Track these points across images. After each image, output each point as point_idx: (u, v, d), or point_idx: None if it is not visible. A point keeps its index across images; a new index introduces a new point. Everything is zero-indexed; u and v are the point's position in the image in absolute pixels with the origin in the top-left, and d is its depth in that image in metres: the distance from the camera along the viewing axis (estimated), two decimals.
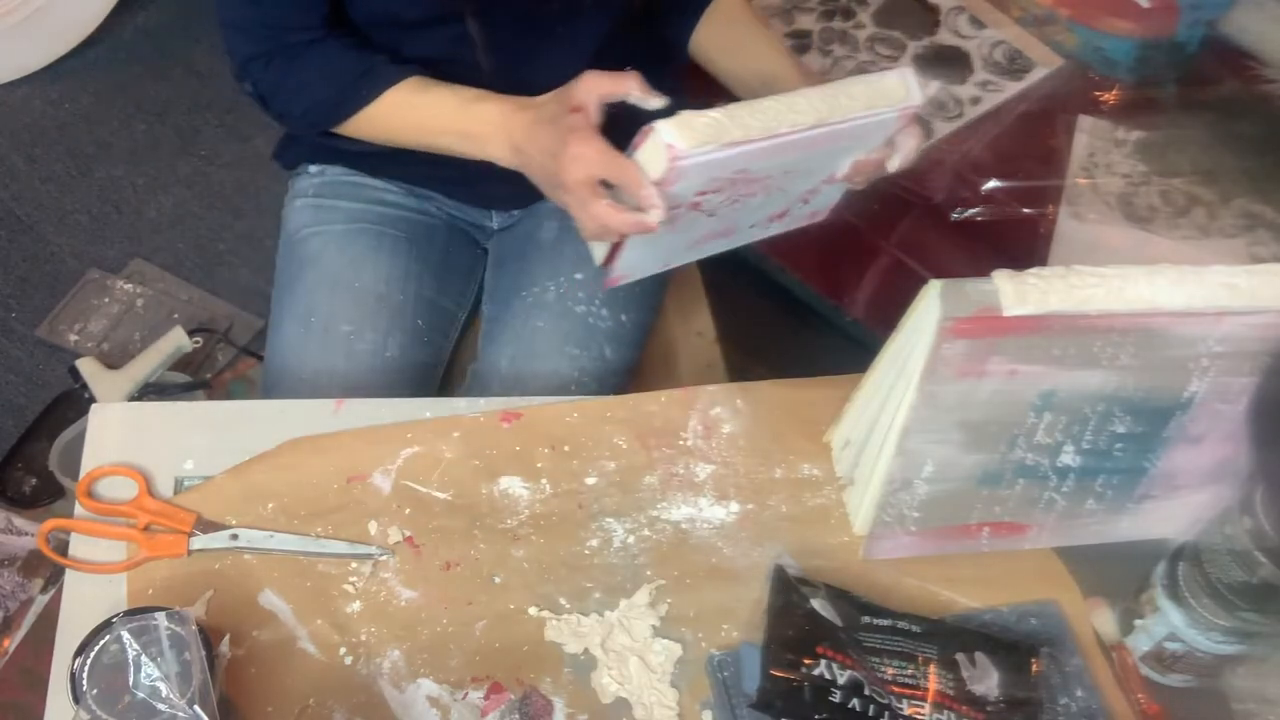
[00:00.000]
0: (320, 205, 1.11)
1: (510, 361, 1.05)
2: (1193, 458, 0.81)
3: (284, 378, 1.04)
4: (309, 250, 1.08)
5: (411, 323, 1.07)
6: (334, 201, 1.11)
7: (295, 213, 1.12)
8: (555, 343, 1.05)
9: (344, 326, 1.04)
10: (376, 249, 1.08)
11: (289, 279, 1.08)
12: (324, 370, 1.02)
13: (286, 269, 1.10)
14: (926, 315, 0.71)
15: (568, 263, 1.08)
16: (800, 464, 0.88)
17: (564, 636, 0.78)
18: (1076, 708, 0.78)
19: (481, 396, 0.91)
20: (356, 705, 0.74)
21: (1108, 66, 1.42)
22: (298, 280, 1.07)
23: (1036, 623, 0.81)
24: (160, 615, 0.67)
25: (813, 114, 0.76)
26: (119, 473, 0.83)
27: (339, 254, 1.07)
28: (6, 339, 1.74)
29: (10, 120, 2.01)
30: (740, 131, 0.74)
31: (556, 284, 1.07)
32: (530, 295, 1.08)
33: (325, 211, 1.10)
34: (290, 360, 1.04)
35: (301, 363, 1.03)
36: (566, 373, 1.03)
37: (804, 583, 0.78)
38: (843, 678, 0.72)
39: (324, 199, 1.11)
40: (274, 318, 1.08)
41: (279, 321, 1.07)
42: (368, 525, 0.82)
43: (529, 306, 1.07)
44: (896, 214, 1.39)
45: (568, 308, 1.06)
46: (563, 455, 0.87)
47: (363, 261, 1.07)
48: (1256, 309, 0.72)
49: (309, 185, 1.12)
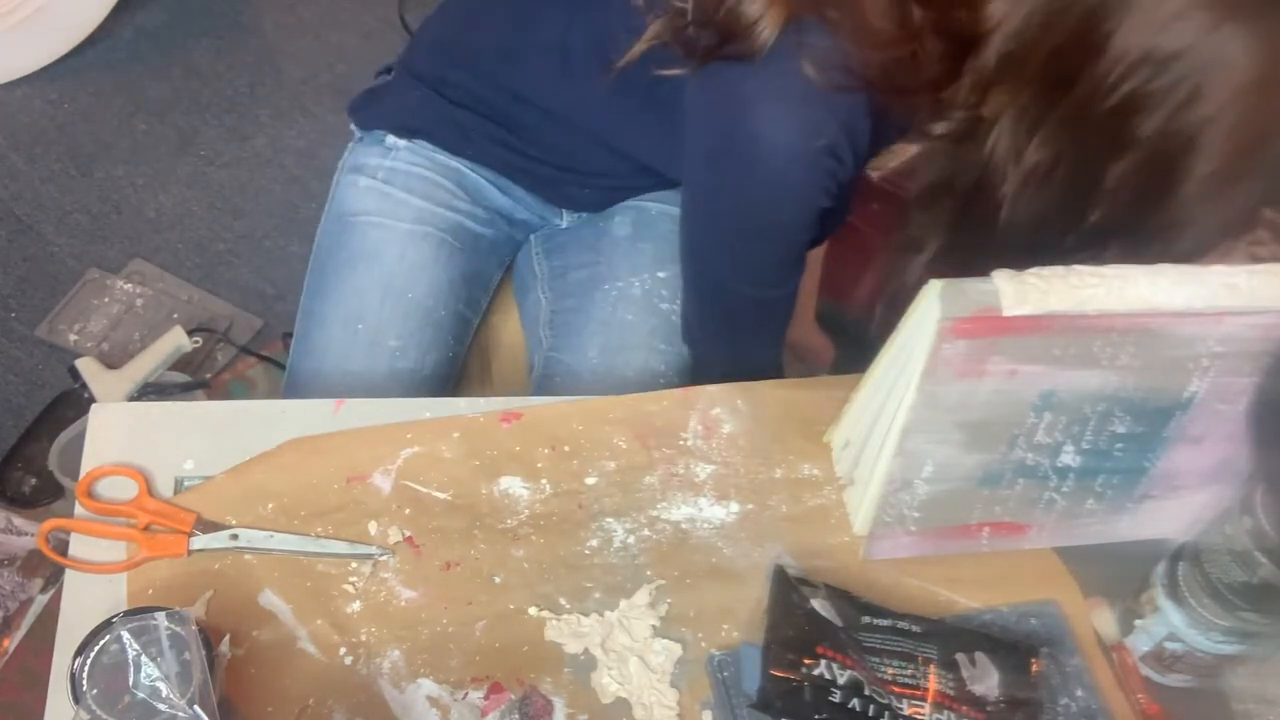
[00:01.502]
0: (388, 194, 1.05)
1: (600, 352, 1.04)
2: (1193, 458, 0.81)
3: (318, 378, 1.01)
4: (366, 243, 1.04)
5: (446, 339, 1.06)
6: (404, 194, 1.05)
7: (356, 192, 1.06)
8: (644, 336, 1.05)
9: (391, 341, 1.02)
10: (435, 259, 1.05)
11: (335, 267, 1.03)
12: (363, 380, 1.01)
13: (336, 253, 1.04)
14: (926, 315, 0.71)
15: (648, 260, 1.08)
16: (800, 464, 0.88)
17: (564, 636, 0.78)
18: (1076, 708, 0.78)
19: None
20: (356, 705, 0.74)
21: None
22: (346, 274, 1.03)
23: (1036, 623, 0.81)
24: (160, 615, 0.67)
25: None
26: (119, 473, 0.83)
27: (399, 258, 1.03)
28: (6, 339, 1.75)
29: (10, 120, 2.01)
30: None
31: (641, 280, 1.07)
32: (614, 290, 1.07)
33: (391, 203, 1.05)
34: (328, 364, 1.01)
35: (341, 369, 1.01)
36: (655, 366, 1.04)
37: (804, 583, 0.78)
38: (843, 678, 0.72)
39: (393, 188, 1.05)
40: (314, 308, 1.04)
41: (321, 318, 1.03)
42: (368, 525, 0.82)
43: (614, 300, 1.06)
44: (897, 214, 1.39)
45: (654, 304, 1.06)
46: (563, 455, 0.87)
47: (420, 271, 1.04)
48: (1256, 309, 0.72)
49: (378, 166, 1.06)
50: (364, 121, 1.10)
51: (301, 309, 1.06)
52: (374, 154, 1.07)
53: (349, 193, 1.06)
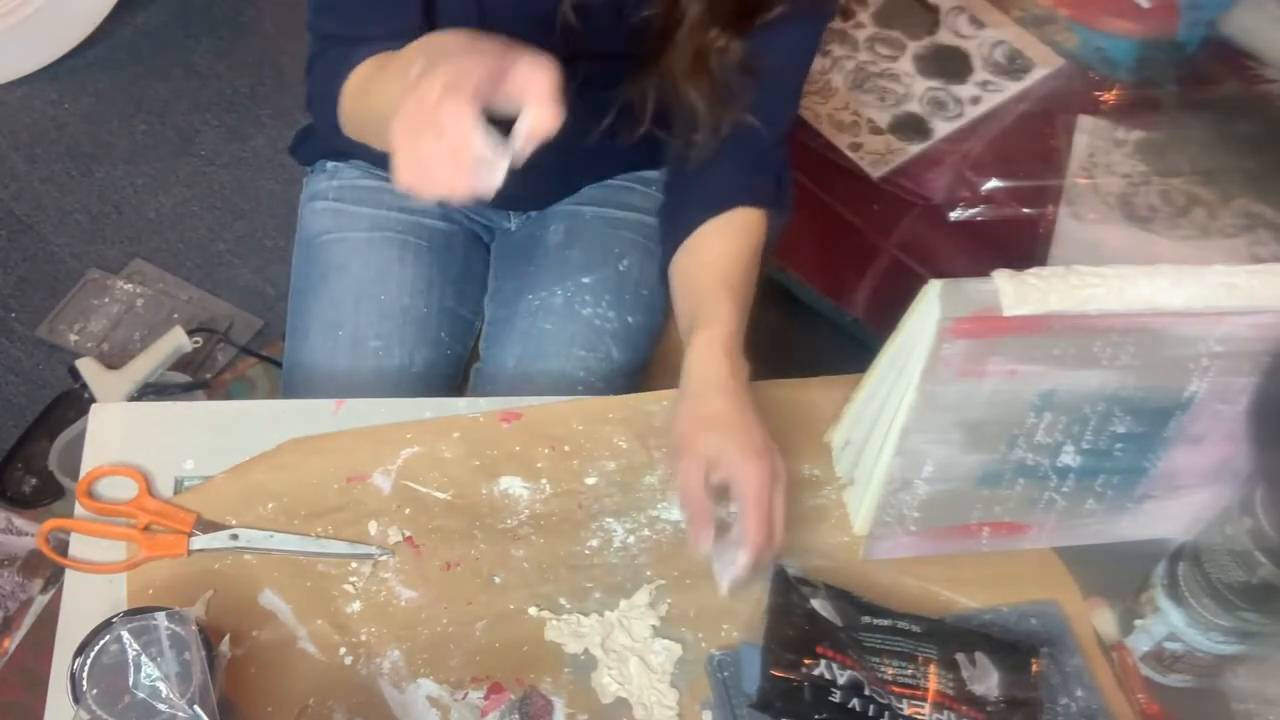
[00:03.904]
0: (341, 211, 1.09)
1: (517, 362, 1.05)
2: (1193, 458, 0.81)
3: (309, 386, 1.03)
4: (332, 258, 1.07)
5: (435, 335, 1.07)
6: (356, 208, 1.09)
7: (314, 215, 1.11)
8: (562, 345, 1.04)
9: (372, 342, 1.03)
10: (400, 260, 1.07)
11: (310, 285, 1.07)
12: (353, 381, 1.02)
13: (307, 274, 1.08)
14: (926, 315, 0.71)
15: (575, 266, 1.08)
16: (800, 464, 0.88)
17: (564, 637, 0.78)
18: (1076, 708, 0.78)
19: (484, 397, 0.91)
20: (356, 705, 0.74)
21: (1108, 66, 1.42)
22: (320, 289, 1.06)
23: (1036, 623, 0.81)
24: (160, 615, 0.67)
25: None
26: (119, 473, 0.83)
27: (363, 266, 1.06)
28: (6, 339, 1.75)
29: (10, 120, 2.01)
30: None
31: (564, 288, 1.07)
32: (537, 299, 1.07)
33: (347, 218, 1.09)
34: (316, 372, 1.03)
35: (329, 375, 1.03)
36: (573, 373, 1.04)
37: (804, 583, 0.78)
38: (843, 678, 0.72)
39: (345, 204, 1.10)
40: (297, 323, 1.07)
41: (304, 329, 1.06)
42: (368, 525, 0.82)
43: (535, 310, 1.07)
44: (896, 214, 1.39)
45: (575, 311, 1.06)
46: (563, 455, 0.87)
47: (387, 273, 1.06)
48: (1256, 309, 0.72)
49: (327, 188, 1.11)
50: (303, 158, 1.15)
51: (287, 329, 1.09)
52: (322, 179, 1.12)
53: (310, 219, 1.11)
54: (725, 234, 0.91)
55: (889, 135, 1.38)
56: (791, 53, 0.91)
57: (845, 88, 1.43)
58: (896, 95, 1.43)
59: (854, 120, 1.40)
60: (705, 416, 0.79)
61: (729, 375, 0.81)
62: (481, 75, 0.62)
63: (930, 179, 1.35)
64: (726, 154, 0.91)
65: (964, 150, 1.36)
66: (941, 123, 1.40)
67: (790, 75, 0.93)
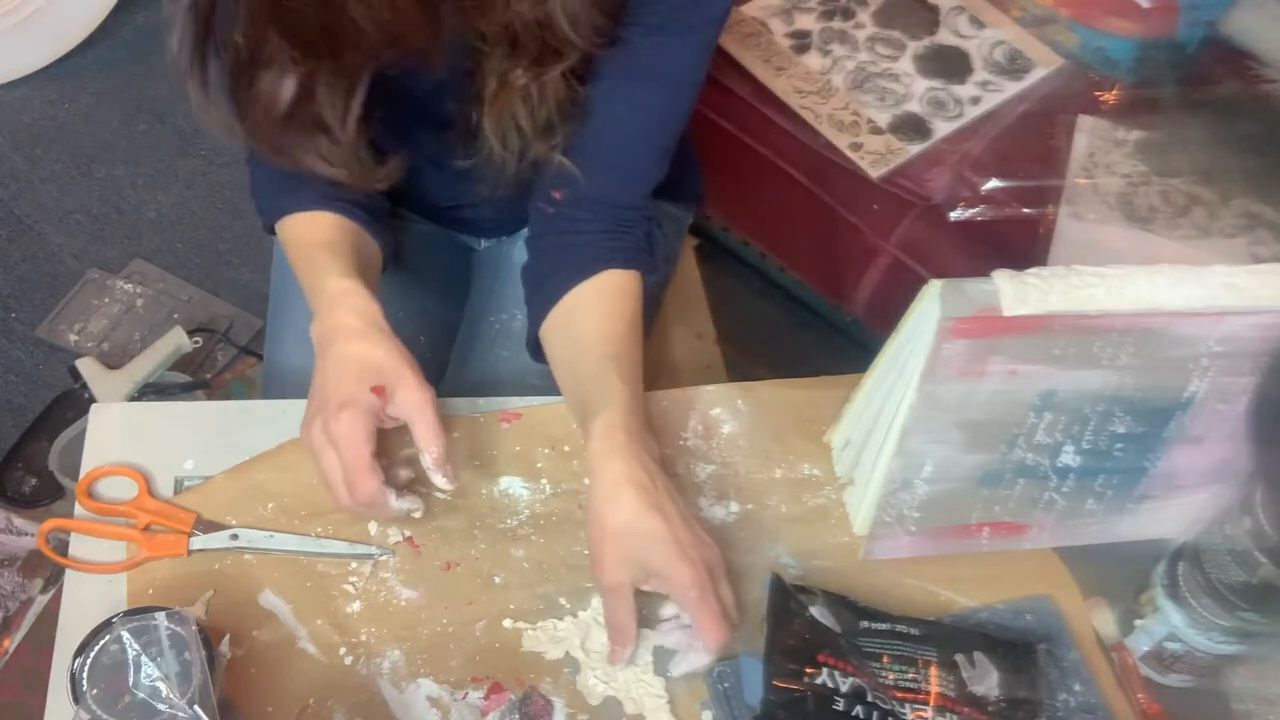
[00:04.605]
0: None
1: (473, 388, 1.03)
2: (1193, 458, 0.81)
3: (285, 390, 1.02)
4: None
5: (414, 338, 1.06)
6: None
7: None
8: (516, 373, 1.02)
9: None
10: None
11: (283, 292, 1.07)
12: None
13: (281, 282, 1.08)
14: (926, 315, 0.71)
15: None
16: (800, 464, 0.88)
17: (542, 644, 0.78)
18: (1075, 703, 0.78)
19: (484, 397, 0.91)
20: (356, 705, 0.74)
21: (1108, 66, 1.42)
22: (293, 296, 1.04)
23: (1032, 618, 0.81)
24: (160, 615, 0.67)
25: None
26: (119, 473, 0.83)
27: None
28: (6, 339, 1.75)
29: (10, 120, 2.01)
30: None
31: (524, 311, 1.01)
32: (499, 322, 1.07)
33: None
34: (294, 375, 1.02)
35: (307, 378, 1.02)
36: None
37: (801, 590, 0.77)
38: (845, 685, 0.71)
39: None
40: (273, 329, 1.07)
41: (279, 335, 1.05)
42: (368, 525, 0.82)
43: (495, 335, 1.06)
44: (896, 214, 1.39)
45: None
46: (563, 455, 0.87)
47: None
48: (1256, 309, 0.72)
49: None
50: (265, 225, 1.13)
51: (266, 333, 1.09)
52: None
53: None
54: (600, 303, 0.87)
55: (889, 135, 1.38)
56: (646, 112, 0.85)
57: (845, 87, 1.43)
58: (896, 95, 1.43)
59: (854, 120, 1.40)
60: (618, 533, 0.74)
61: (637, 465, 0.76)
62: (366, 434, 0.75)
63: (930, 179, 1.35)
64: (589, 214, 0.88)
65: (964, 150, 1.36)
66: (941, 123, 1.39)
67: (647, 135, 0.88)
